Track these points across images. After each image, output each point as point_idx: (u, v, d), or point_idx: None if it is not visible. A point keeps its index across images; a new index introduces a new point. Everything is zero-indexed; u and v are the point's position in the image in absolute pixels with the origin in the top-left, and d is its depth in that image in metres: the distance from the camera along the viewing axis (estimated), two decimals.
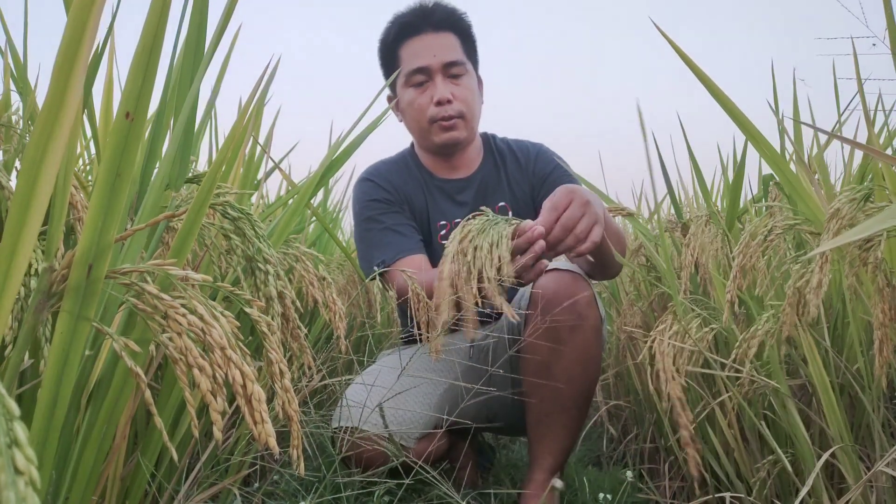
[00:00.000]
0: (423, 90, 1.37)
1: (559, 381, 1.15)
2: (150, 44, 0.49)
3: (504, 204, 1.44)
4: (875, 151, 0.61)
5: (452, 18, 1.39)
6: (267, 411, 0.48)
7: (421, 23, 1.37)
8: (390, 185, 1.44)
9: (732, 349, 0.89)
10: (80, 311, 0.48)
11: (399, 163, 1.51)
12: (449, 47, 1.37)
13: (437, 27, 1.37)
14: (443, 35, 1.38)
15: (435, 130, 1.39)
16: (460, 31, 1.40)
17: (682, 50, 0.82)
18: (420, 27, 1.37)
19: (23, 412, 0.63)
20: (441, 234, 1.44)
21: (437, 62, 1.35)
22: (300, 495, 1.04)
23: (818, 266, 0.73)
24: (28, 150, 0.40)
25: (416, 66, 1.36)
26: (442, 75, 1.36)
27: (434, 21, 1.37)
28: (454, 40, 1.39)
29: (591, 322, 1.15)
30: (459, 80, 1.38)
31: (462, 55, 1.39)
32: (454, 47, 1.38)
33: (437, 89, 1.35)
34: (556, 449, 1.18)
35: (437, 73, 1.36)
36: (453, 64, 1.36)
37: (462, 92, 1.37)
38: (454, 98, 1.36)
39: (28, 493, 0.24)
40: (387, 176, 1.46)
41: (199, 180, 0.88)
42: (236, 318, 0.51)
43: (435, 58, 1.35)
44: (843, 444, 0.84)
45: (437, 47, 1.36)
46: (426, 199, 1.45)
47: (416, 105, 1.38)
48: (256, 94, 0.81)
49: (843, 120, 1.22)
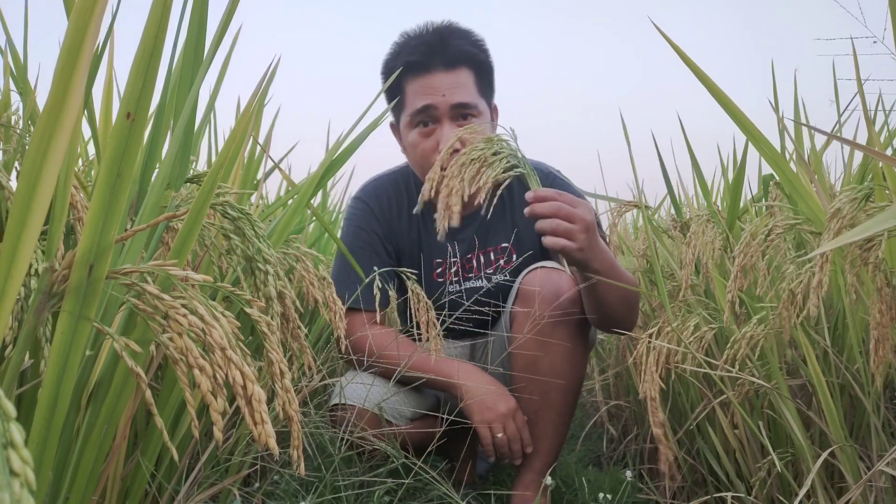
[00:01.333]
0: (429, 133, 1.23)
1: (545, 377, 1.17)
2: (150, 45, 0.49)
3: (506, 245, 1.35)
4: (874, 152, 0.61)
5: (468, 53, 1.24)
6: (267, 412, 0.48)
7: (431, 61, 1.21)
8: (382, 215, 1.35)
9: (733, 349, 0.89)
10: (80, 311, 0.48)
11: (398, 186, 1.38)
12: (460, 87, 1.22)
13: (449, 65, 1.22)
14: (455, 73, 1.22)
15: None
16: (476, 65, 1.25)
17: (681, 50, 0.82)
18: (429, 65, 1.21)
19: (23, 412, 0.63)
20: (437, 273, 1.36)
21: (445, 103, 1.20)
22: (300, 495, 1.04)
23: (818, 266, 0.73)
24: (29, 151, 0.40)
25: (422, 104, 1.21)
26: (450, 119, 1.21)
27: (447, 58, 1.22)
28: (468, 77, 1.23)
29: (574, 320, 1.17)
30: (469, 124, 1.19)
31: (475, 95, 1.24)
32: (467, 86, 1.23)
33: (443, 136, 1.20)
34: (544, 448, 1.19)
35: (445, 117, 1.21)
36: (464, 106, 1.21)
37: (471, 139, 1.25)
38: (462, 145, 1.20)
39: (24, 495, 0.24)
40: (382, 203, 1.36)
41: (199, 180, 0.88)
42: (236, 319, 0.51)
43: (444, 98, 1.20)
44: (842, 443, 0.84)
45: (447, 87, 1.21)
46: (420, 233, 1.36)
47: (420, 150, 1.24)
48: (256, 94, 0.81)
49: (844, 120, 1.22)
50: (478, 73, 1.26)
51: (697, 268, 1.26)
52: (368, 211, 1.35)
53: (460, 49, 1.23)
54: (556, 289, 1.17)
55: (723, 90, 0.84)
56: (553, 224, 0.93)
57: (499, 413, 1.14)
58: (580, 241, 0.94)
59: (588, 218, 0.95)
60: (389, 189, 1.38)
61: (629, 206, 1.49)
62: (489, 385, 1.17)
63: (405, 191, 1.38)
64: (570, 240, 0.94)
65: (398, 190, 1.38)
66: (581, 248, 0.95)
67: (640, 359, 0.94)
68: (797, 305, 0.76)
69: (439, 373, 1.18)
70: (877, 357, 0.72)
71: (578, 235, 0.94)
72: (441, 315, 1.10)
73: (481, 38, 1.28)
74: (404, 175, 1.40)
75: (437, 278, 1.38)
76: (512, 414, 1.16)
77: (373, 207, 1.35)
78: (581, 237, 0.94)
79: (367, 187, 1.40)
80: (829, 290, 1.04)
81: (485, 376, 1.19)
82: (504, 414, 1.15)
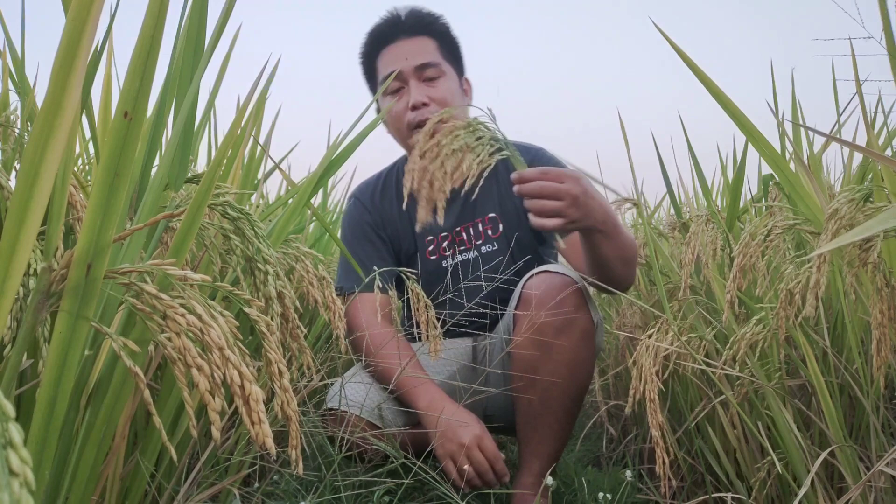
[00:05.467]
0: (399, 97, 1.32)
1: (545, 383, 1.14)
2: (148, 43, 0.49)
3: (494, 215, 1.40)
4: (872, 153, 0.61)
5: (426, 21, 1.35)
6: (264, 411, 0.48)
7: (393, 30, 1.33)
8: (374, 207, 1.44)
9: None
10: (79, 310, 0.48)
11: (388, 177, 1.48)
12: (421, 50, 1.32)
13: (410, 32, 1.33)
14: (417, 39, 1.33)
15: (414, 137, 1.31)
16: (437, 34, 1.35)
17: (681, 50, 0.82)
18: (393, 35, 1.33)
19: (22, 412, 0.63)
20: (429, 251, 1.42)
21: (409, 65, 1.30)
22: (300, 495, 1.04)
23: (816, 266, 0.73)
24: (27, 150, 0.40)
25: (389, 71, 1.31)
26: (416, 79, 1.30)
27: (406, 27, 1.33)
28: (429, 43, 1.34)
29: (579, 325, 1.14)
30: (436, 83, 1.32)
31: (437, 57, 1.33)
32: (428, 50, 1.33)
33: (411, 93, 1.30)
34: (543, 452, 1.18)
35: (412, 78, 1.30)
36: (427, 66, 1.31)
37: (438, 93, 1.31)
38: (431, 101, 1.30)
39: (23, 495, 0.24)
40: (371, 196, 1.45)
41: (198, 180, 0.88)
42: (236, 318, 0.51)
43: (407, 61, 1.30)
44: (841, 444, 0.84)
45: (410, 51, 1.31)
46: (410, 216, 1.41)
47: (393, 113, 1.33)
48: (256, 93, 0.81)
49: (843, 121, 1.22)
50: (439, 40, 1.35)
51: (697, 267, 1.26)
52: (359, 205, 1.46)
53: (421, 19, 1.34)
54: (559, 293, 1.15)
55: (723, 90, 0.84)
56: (539, 205, 0.94)
57: (460, 443, 1.10)
58: (570, 215, 0.95)
59: (574, 191, 0.94)
60: (378, 181, 1.49)
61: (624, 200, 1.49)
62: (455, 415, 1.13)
63: (395, 180, 1.47)
64: (560, 216, 0.94)
65: (388, 180, 1.48)
66: (573, 221, 0.95)
67: (638, 359, 0.94)
68: (796, 306, 0.76)
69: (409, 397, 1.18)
70: (878, 358, 0.72)
71: (567, 210, 0.94)
72: (441, 315, 1.10)
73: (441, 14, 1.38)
74: (393, 166, 1.51)
75: (429, 256, 1.42)
76: (477, 443, 1.10)
77: (363, 201, 1.46)
78: (570, 211, 0.94)
79: (359, 186, 1.52)
80: (828, 290, 1.04)
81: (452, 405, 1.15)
82: (466, 444, 1.10)
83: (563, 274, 1.18)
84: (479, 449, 1.11)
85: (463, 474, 1.09)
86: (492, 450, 1.11)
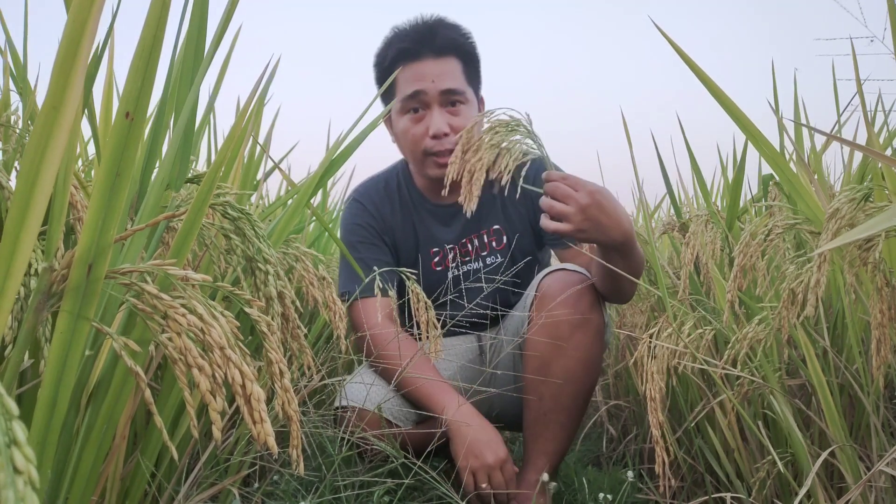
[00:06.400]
0: (419, 119, 1.28)
1: (559, 380, 1.15)
2: (149, 43, 0.49)
3: (498, 227, 1.40)
4: (873, 152, 0.61)
5: (456, 43, 1.29)
6: (266, 411, 0.48)
7: (421, 48, 1.27)
8: (376, 211, 1.40)
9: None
10: (79, 310, 0.48)
11: (390, 184, 1.43)
12: (448, 74, 1.27)
13: (438, 52, 1.27)
14: (444, 60, 1.27)
15: (429, 164, 1.30)
16: (463, 55, 1.30)
17: (682, 49, 0.82)
18: (419, 52, 1.27)
19: (23, 412, 0.63)
20: (434, 262, 1.40)
21: (434, 89, 1.25)
22: (300, 495, 1.04)
23: (816, 265, 0.73)
24: (27, 150, 0.40)
25: (412, 90, 1.26)
26: (439, 105, 1.26)
27: (436, 46, 1.27)
28: (456, 65, 1.29)
29: (594, 323, 1.16)
30: (458, 110, 1.28)
31: (462, 82, 1.29)
32: (454, 74, 1.28)
33: (433, 120, 1.25)
34: (550, 450, 1.19)
35: (435, 103, 1.26)
36: (453, 92, 1.26)
37: (460, 122, 1.27)
38: (452, 131, 1.26)
39: (27, 493, 0.24)
40: (374, 200, 1.41)
41: (198, 180, 0.88)
42: (236, 318, 0.51)
43: (433, 84, 1.25)
44: (841, 443, 0.84)
45: (436, 73, 1.26)
46: (415, 225, 1.40)
47: (410, 135, 1.29)
48: (256, 93, 0.81)
49: (844, 121, 1.22)
50: (465, 62, 1.31)
51: (697, 267, 1.26)
52: (362, 208, 1.41)
53: (449, 38, 1.28)
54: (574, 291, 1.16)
55: (723, 90, 0.84)
56: (548, 203, 0.96)
57: (485, 463, 1.11)
58: (576, 222, 0.95)
59: (583, 200, 0.95)
60: (381, 187, 1.44)
61: None
62: (482, 431, 1.13)
63: (396, 187, 1.43)
64: (565, 221, 0.95)
65: (389, 187, 1.44)
66: (580, 230, 0.96)
67: (641, 360, 0.94)
68: (797, 305, 0.76)
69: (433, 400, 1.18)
70: (878, 357, 0.72)
71: (573, 217, 0.95)
72: (441, 316, 1.10)
73: (468, 31, 1.34)
74: (394, 171, 1.46)
75: (435, 267, 1.41)
76: (500, 465, 1.12)
77: (366, 205, 1.41)
78: (576, 219, 0.95)
79: (358, 188, 1.47)
80: (828, 289, 1.04)
81: (478, 418, 1.15)
82: (490, 465, 1.11)
83: (579, 272, 1.19)
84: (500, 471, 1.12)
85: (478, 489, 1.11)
86: (510, 473, 1.13)
